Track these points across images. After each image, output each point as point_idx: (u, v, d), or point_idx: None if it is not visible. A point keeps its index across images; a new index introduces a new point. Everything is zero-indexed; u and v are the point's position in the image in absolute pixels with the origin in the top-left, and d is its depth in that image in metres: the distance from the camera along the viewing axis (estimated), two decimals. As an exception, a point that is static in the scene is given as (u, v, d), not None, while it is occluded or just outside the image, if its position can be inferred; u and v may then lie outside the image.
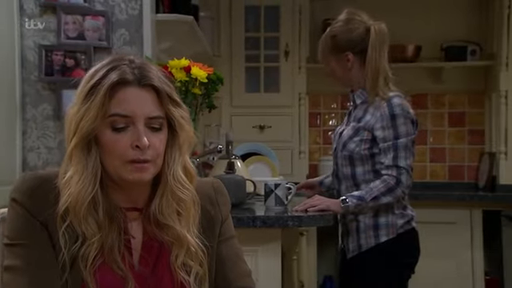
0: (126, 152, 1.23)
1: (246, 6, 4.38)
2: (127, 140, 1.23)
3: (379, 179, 2.30)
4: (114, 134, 1.23)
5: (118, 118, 1.23)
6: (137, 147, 1.22)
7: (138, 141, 1.22)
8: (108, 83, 1.22)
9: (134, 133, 1.23)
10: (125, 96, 1.23)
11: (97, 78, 1.25)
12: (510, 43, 4.21)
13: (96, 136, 1.24)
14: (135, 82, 1.24)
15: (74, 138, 1.25)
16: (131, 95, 1.23)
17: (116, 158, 1.23)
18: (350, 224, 2.41)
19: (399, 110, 2.31)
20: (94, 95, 1.23)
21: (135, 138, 1.22)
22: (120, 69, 1.25)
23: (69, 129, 1.27)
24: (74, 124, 1.25)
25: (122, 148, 1.23)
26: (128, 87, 1.23)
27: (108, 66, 1.27)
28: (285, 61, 4.32)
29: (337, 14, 4.55)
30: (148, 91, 1.24)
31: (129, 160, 1.23)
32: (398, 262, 2.37)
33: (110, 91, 1.22)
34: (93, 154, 1.24)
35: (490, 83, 4.44)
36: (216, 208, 1.38)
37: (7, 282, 1.24)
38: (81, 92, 1.26)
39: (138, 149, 1.22)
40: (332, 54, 2.45)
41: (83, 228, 1.23)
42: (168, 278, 1.28)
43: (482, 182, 4.30)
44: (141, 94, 1.24)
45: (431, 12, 4.47)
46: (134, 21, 2.68)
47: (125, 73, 1.24)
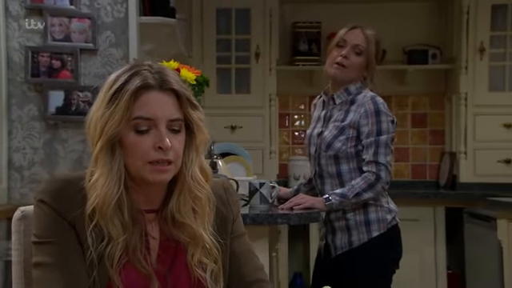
0: (149, 153, 1.28)
1: (218, 8, 4.46)
2: (150, 142, 1.28)
3: (360, 176, 2.43)
4: (137, 136, 1.29)
5: (141, 120, 1.28)
6: (159, 148, 1.28)
7: (161, 142, 1.28)
8: (132, 88, 1.28)
9: (157, 135, 1.28)
10: (147, 100, 1.29)
11: (120, 83, 1.30)
12: (469, 47, 4.42)
13: (120, 138, 1.30)
14: (157, 86, 1.29)
15: (100, 141, 1.30)
16: (153, 99, 1.29)
17: (139, 159, 1.29)
18: (338, 222, 2.52)
19: (383, 108, 2.45)
20: (118, 99, 1.28)
21: (157, 139, 1.28)
22: (141, 74, 1.31)
23: (94, 132, 1.32)
24: (99, 127, 1.30)
25: (145, 149, 1.28)
26: (150, 91, 1.29)
27: (129, 71, 1.33)
28: (255, 62, 4.42)
29: (305, 18, 4.72)
30: (169, 95, 1.30)
31: (151, 161, 1.28)
32: (387, 257, 2.50)
33: (134, 95, 1.28)
34: (117, 156, 1.30)
35: (450, 85, 4.64)
36: (227, 207, 1.44)
37: (38, 277, 1.30)
38: (104, 96, 1.31)
39: (161, 150, 1.28)
40: (376, 56, 2.54)
41: (109, 228, 1.28)
42: (185, 276, 1.34)
43: (443, 181, 4.49)
44: (162, 98, 1.30)
45: (395, 17, 4.63)
46: (120, 23, 2.74)
47: (147, 78, 1.29)
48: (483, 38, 4.42)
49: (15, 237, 1.46)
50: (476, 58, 4.42)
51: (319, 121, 2.62)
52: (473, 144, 4.41)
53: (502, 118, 4.41)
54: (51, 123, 2.71)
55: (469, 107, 4.43)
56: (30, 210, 1.48)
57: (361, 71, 2.55)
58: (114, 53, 2.73)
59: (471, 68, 4.42)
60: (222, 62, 4.46)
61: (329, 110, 2.59)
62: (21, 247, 1.45)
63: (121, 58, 2.73)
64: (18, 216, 1.46)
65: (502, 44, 4.46)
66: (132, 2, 2.74)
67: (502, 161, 4.38)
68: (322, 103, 2.67)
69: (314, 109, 2.73)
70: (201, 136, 1.36)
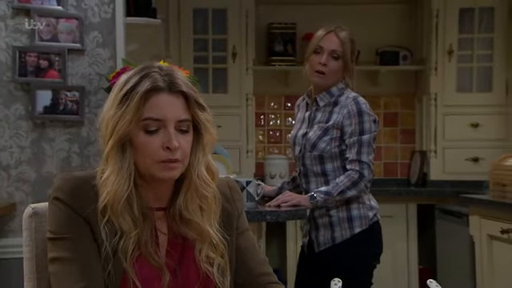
0: (158, 153, 1.34)
1: (195, 8, 4.51)
2: (159, 141, 1.34)
3: (344, 174, 2.53)
4: (147, 136, 1.35)
5: (151, 121, 1.34)
6: (167, 148, 1.34)
7: (169, 143, 1.34)
8: (142, 90, 1.33)
9: (165, 135, 1.34)
10: (157, 102, 1.34)
11: (131, 85, 1.35)
12: (438, 49, 4.57)
13: (130, 138, 1.35)
14: (166, 88, 1.35)
15: (111, 140, 1.35)
16: (163, 101, 1.35)
17: (148, 157, 1.35)
18: (321, 219, 2.61)
19: (365, 108, 2.55)
20: (129, 100, 1.33)
21: (166, 139, 1.34)
22: (151, 76, 1.36)
23: (105, 131, 1.37)
24: (110, 127, 1.35)
25: (154, 149, 1.34)
26: (160, 93, 1.35)
27: (140, 73, 1.38)
28: (232, 62, 4.48)
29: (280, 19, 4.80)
30: (177, 97, 1.36)
31: (160, 160, 1.35)
32: (369, 253, 2.60)
33: (144, 97, 1.33)
34: (127, 155, 1.36)
35: (421, 86, 4.78)
36: (232, 204, 1.51)
37: (55, 272, 1.35)
38: (115, 97, 1.36)
39: (169, 150, 1.34)
40: (352, 55, 2.64)
41: (121, 223, 1.34)
42: (194, 271, 1.40)
43: (414, 179, 4.64)
44: (171, 100, 1.36)
45: (367, 19, 4.75)
46: (107, 24, 2.77)
47: (157, 80, 1.35)
48: (451, 40, 4.57)
49: (26, 233, 1.51)
50: (445, 60, 4.57)
51: (304, 122, 2.70)
52: (442, 143, 4.56)
53: (470, 117, 4.56)
54: (38, 122, 2.73)
55: (438, 107, 4.57)
56: (40, 207, 1.53)
57: (341, 73, 2.65)
58: (102, 53, 2.77)
59: (440, 69, 4.57)
60: (199, 62, 4.51)
61: (312, 111, 2.68)
62: (32, 243, 1.50)
63: (108, 58, 2.77)
64: (29, 213, 1.51)
65: (470, 46, 4.61)
66: (119, 3, 2.77)
67: (470, 159, 4.54)
68: (305, 105, 2.76)
69: (298, 110, 2.82)
70: (208, 136, 1.42)
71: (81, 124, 2.74)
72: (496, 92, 4.57)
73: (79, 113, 2.72)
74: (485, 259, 3.28)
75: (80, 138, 2.75)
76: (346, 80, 2.65)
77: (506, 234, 3.02)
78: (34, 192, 2.74)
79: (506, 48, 4.55)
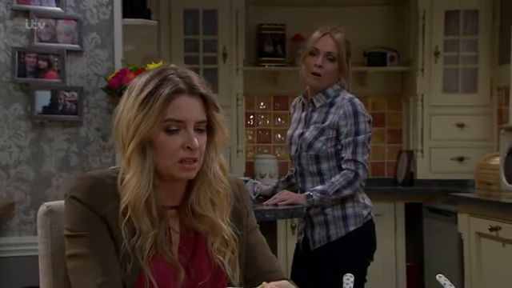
0: (178, 152, 1.39)
1: (185, 9, 4.55)
2: (179, 141, 1.39)
3: (340, 173, 2.59)
4: (168, 136, 1.39)
5: (172, 122, 1.38)
6: (188, 148, 1.39)
7: (190, 143, 1.39)
8: (166, 93, 1.37)
9: (185, 135, 1.39)
10: (179, 104, 1.39)
11: (151, 88, 1.39)
12: (425, 51, 4.66)
13: (150, 139, 1.39)
14: (187, 90, 1.39)
15: (133, 142, 1.39)
16: (184, 103, 1.39)
17: (168, 157, 1.39)
18: (316, 217, 2.67)
19: (360, 109, 2.62)
20: (151, 103, 1.37)
21: (186, 139, 1.39)
22: (171, 79, 1.40)
23: (126, 133, 1.40)
24: (131, 129, 1.39)
25: (175, 149, 1.39)
26: (181, 96, 1.39)
27: (158, 76, 1.41)
28: (223, 63, 4.53)
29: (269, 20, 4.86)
30: (197, 99, 1.41)
31: (180, 159, 1.39)
32: (363, 250, 2.67)
33: (167, 99, 1.38)
34: (148, 156, 1.40)
35: (408, 87, 4.87)
36: (242, 203, 1.56)
37: (74, 268, 1.38)
38: (135, 100, 1.40)
39: (189, 149, 1.39)
40: (347, 56, 2.68)
41: (140, 224, 1.38)
42: (206, 263, 1.45)
43: (401, 178, 4.72)
44: (191, 102, 1.40)
45: (355, 21, 4.81)
46: (105, 25, 2.81)
47: (178, 83, 1.39)
48: (438, 41, 4.66)
49: (41, 231, 1.55)
50: (431, 61, 4.66)
51: (300, 122, 2.76)
52: (429, 142, 4.65)
53: (456, 118, 4.65)
54: (37, 122, 2.76)
55: (425, 107, 4.66)
56: (55, 205, 1.57)
57: (336, 75, 2.71)
58: (100, 54, 2.80)
59: (427, 70, 4.66)
60: (190, 63, 4.53)
61: (309, 112, 2.74)
62: (47, 240, 1.54)
63: (106, 58, 2.80)
64: (44, 211, 1.55)
65: (455, 48, 4.71)
66: (117, 5, 2.81)
67: (456, 158, 4.63)
68: (301, 105, 2.82)
69: (294, 111, 2.87)
70: (221, 135, 1.47)
71: (79, 124, 2.78)
72: (481, 93, 4.67)
73: (78, 113, 2.76)
74: (473, 256, 3.37)
75: (79, 138, 2.78)
76: (342, 81, 2.71)
77: (495, 232, 3.10)
78: (33, 191, 2.76)
79: (490, 49, 4.65)
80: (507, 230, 3.03)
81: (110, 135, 2.79)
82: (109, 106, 2.79)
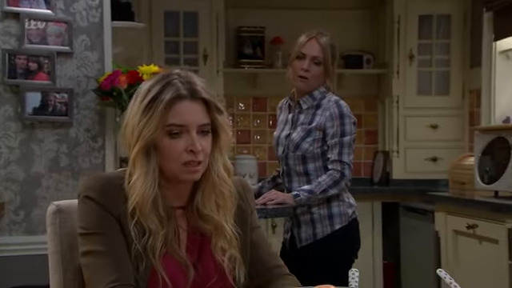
0: (182, 155, 1.44)
1: (166, 11, 4.60)
2: (182, 145, 1.44)
3: (326, 174, 2.68)
4: (171, 140, 1.44)
5: (175, 127, 1.44)
6: (191, 151, 1.45)
7: (193, 146, 1.44)
8: (167, 98, 1.43)
9: (188, 139, 1.44)
10: (181, 109, 1.44)
11: (154, 93, 1.45)
12: (400, 54, 4.78)
13: (155, 143, 1.45)
14: (188, 96, 1.45)
15: (137, 146, 1.45)
16: (186, 107, 1.45)
17: (172, 160, 1.45)
18: (303, 216, 2.75)
19: (346, 111, 2.71)
20: (154, 108, 1.43)
21: (189, 143, 1.44)
22: (173, 84, 1.45)
23: (131, 137, 1.46)
24: (136, 133, 1.45)
25: (178, 152, 1.44)
26: (183, 101, 1.44)
27: (161, 81, 1.47)
28: (203, 64, 4.59)
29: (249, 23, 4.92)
30: (199, 103, 1.46)
31: (184, 162, 1.45)
32: (348, 248, 2.76)
33: (169, 105, 1.43)
34: (152, 159, 1.45)
35: (383, 89, 4.99)
36: (246, 202, 1.62)
37: (88, 264, 1.44)
38: (139, 105, 1.46)
39: (192, 153, 1.45)
40: (332, 59, 2.77)
41: (149, 223, 1.44)
42: (212, 265, 1.51)
43: (377, 178, 4.84)
44: (193, 106, 1.45)
45: (332, 24, 4.84)
46: (95, 27, 2.85)
47: (179, 88, 1.44)
48: (412, 45, 4.79)
49: (51, 228, 1.60)
50: (406, 64, 4.78)
51: (287, 124, 2.84)
52: (404, 143, 4.78)
53: (429, 119, 4.79)
54: (27, 123, 2.79)
55: (400, 109, 4.78)
56: (64, 203, 1.62)
57: (322, 78, 2.79)
58: (90, 56, 2.84)
59: (402, 73, 4.78)
60: (171, 64, 4.58)
61: (295, 113, 2.82)
62: (57, 237, 1.59)
63: (96, 60, 2.84)
64: (53, 210, 1.60)
65: (429, 51, 4.84)
66: (107, 8, 2.85)
67: (430, 159, 4.77)
68: (287, 107, 2.90)
69: (280, 112, 2.95)
70: (225, 137, 1.53)
71: (69, 125, 2.81)
72: (453, 95, 4.81)
73: (68, 114, 2.79)
74: (450, 253, 3.49)
75: (68, 139, 2.81)
76: (327, 83, 2.80)
77: (472, 230, 3.22)
78: (23, 192, 2.79)
79: (462, 53, 4.80)
80: (484, 228, 3.16)
81: (99, 136, 2.83)
82: (98, 107, 2.83)
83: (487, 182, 3.46)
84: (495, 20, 4.36)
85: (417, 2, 4.77)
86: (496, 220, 3.04)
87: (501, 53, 4.38)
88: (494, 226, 3.06)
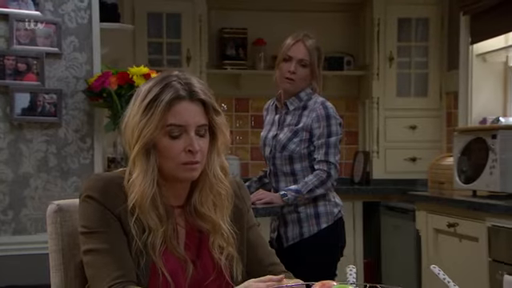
0: (180, 155, 1.49)
1: (149, 12, 4.62)
2: (181, 145, 1.49)
3: (312, 174, 2.73)
4: (170, 141, 1.49)
5: (174, 127, 1.48)
6: (189, 151, 1.49)
7: (191, 146, 1.49)
8: (166, 99, 1.47)
9: (187, 139, 1.49)
10: (180, 109, 1.48)
11: (153, 94, 1.49)
12: (380, 56, 4.87)
13: (154, 143, 1.50)
14: (187, 96, 1.49)
15: (137, 145, 1.49)
16: (184, 108, 1.49)
17: (171, 160, 1.49)
18: (290, 215, 2.80)
19: (332, 112, 2.77)
20: (154, 108, 1.47)
21: (188, 143, 1.49)
22: (173, 86, 1.50)
23: (131, 137, 1.50)
24: (136, 134, 1.49)
25: (177, 152, 1.49)
26: (182, 102, 1.49)
27: (161, 83, 1.51)
28: (187, 66, 4.62)
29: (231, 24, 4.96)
30: (197, 104, 1.51)
31: (182, 162, 1.49)
32: (334, 246, 2.82)
33: (168, 105, 1.47)
34: (152, 158, 1.50)
35: (364, 90, 5.07)
36: (242, 201, 1.66)
37: (91, 262, 1.47)
38: (139, 106, 1.50)
39: (190, 153, 1.49)
40: (318, 61, 2.84)
41: (148, 221, 1.48)
42: (210, 262, 1.55)
43: (358, 178, 4.92)
44: (192, 107, 1.50)
45: (314, 26, 4.92)
46: (83, 29, 2.87)
47: (178, 90, 1.49)
48: (391, 47, 4.88)
49: (51, 228, 1.63)
50: (386, 66, 4.87)
51: (273, 124, 2.89)
52: (384, 144, 4.87)
53: (408, 120, 4.88)
54: (16, 124, 2.80)
55: (380, 110, 4.87)
56: (64, 203, 1.65)
57: (308, 79, 2.85)
58: (78, 57, 2.86)
59: (382, 75, 4.87)
60: (154, 65, 4.59)
61: (282, 114, 2.87)
62: (58, 236, 1.62)
63: (84, 62, 2.86)
64: (54, 209, 1.63)
65: (408, 54, 4.94)
66: (95, 9, 2.88)
67: (409, 159, 4.86)
68: (274, 108, 2.95)
69: (267, 113, 3.00)
70: (222, 138, 1.57)
71: (58, 125, 2.83)
72: (431, 97, 4.91)
73: (57, 114, 2.80)
74: (431, 251, 3.57)
75: (57, 139, 2.83)
76: (313, 85, 2.86)
77: (452, 228, 3.31)
78: (11, 192, 2.80)
79: (440, 56, 4.90)
80: (464, 226, 3.25)
81: (88, 136, 2.85)
82: (87, 108, 2.85)
83: (464, 182, 3.55)
84: (472, 24, 4.45)
85: (396, 6, 4.86)
86: (476, 218, 3.12)
87: (477, 56, 4.48)
88: (474, 224, 3.15)
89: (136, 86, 2.66)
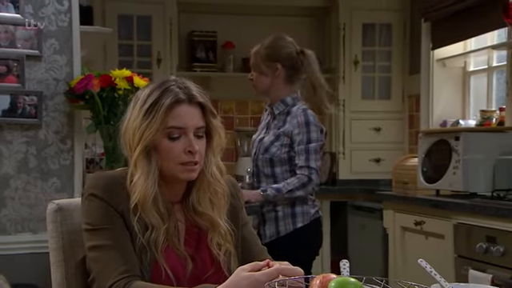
0: (180, 156, 1.57)
1: (119, 14, 4.66)
2: (181, 146, 1.57)
3: (295, 176, 2.83)
4: (170, 142, 1.57)
5: (174, 129, 1.57)
6: (189, 152, 1.58)
7: (191, 147, 1.57)
8: (167, 103, 1.55)
9: (186, 141, 1.57)
10: (179, 112, 1.57)
11: (154, 98, 1.57)
12: (346, 60, 5.01)
13: (155, 145, 1.57)
14: (186, 100, 1.58)
15: (138, 148, 1.56)
16: (184, 111, 1.57)
17: (171, 161, 1.58)
18: (268, 214, 2.90)
19: (312, 119, 2.86)
20: (155, 112, 1.55)
21: (187, 144, 1.57)
22: (172, 90, 1.58)
23: (132, 140, 1.58)
24: (137, 136, 1.56)
25: (177, 153, 1.57)
26: (182, 105, 1.57)
27: (160, 88, 1.59)
28: (157, 68, 4.67)
29: (200, 27, 5.03)
30: (196, 107, 1.59)
31: (182, 163, 1.58)
32: (309, 245, 2.92)
33: (169, 109, 1.56)
34: (153, 160, 1.57)
35: (330, 93, 5.20)
36: (236, 199, 1.74)
37: (96, 258, 1.53)
38: (140, 109, 1.57)
39: (190, 153, 1.57)
40: (263, 62, 2.89)
41: (150, 219, 1.56)
42: (208, 257, 1.63)
43: (324, 178, 5.04)
44: (191, 110, 1.58)
45: (282, 30, 4.96)
46: (64, 32, 2.90)
47: (178, 93, 1.57)
48: (357, 51, 5.03)
49: (52, 226, 1.69)
50: (351, 70, 5.02)
51: (263, 128, 3.00)
52: (349, 145, 5.01)
53: (372, 122, 5.04)
54: (-5, 125, 2.81)
55: (346, 113, 5.01)
56: (64, 202, 1.72)
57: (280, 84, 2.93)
58: (59, 59, 2.89)
59: (348, 78, 5.01)
60: (125, 67, 4.61)
61: (270, 118, 2.98)
62: (58, 235, 1.68)
63: (65, 64, 2.89)
64: (54, 208, 1.69)
65: (372, 58, 5.10)
66: (75, 13, 2.91)
67: (373, 160, 5.02)
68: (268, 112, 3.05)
69: (263, 117, 3.08)
70: (218, 139, 1.66)
71: (38, 127, 2.85)
72: (394, 100, 5.09)
73: (37, 116, 2.83)
74: (398, 249, 3.72)
75: (38, 141, 2.86)
76: (294, 87, 2.94)
77: (419, 226, 3.46)
78: (-8, 193, 2.81)
79: (402, 60, 5.07)
80: (430, 224, 3.40)
81: (68, 138, 2.89)
82: (68, 109, 2.89)
83: (428, 182, 3.70)
84: (433, 30, 4.64)
85: (360, 12, 5.01)
86: (442, 216, 3.27)
87: (438, 61, 4.67)
88: (440, 222, 3.30)
89: (118, 88, 2.71)
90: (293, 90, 2.94)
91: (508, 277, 2.73)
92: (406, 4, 5.01)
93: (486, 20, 4.00)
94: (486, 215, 2.92)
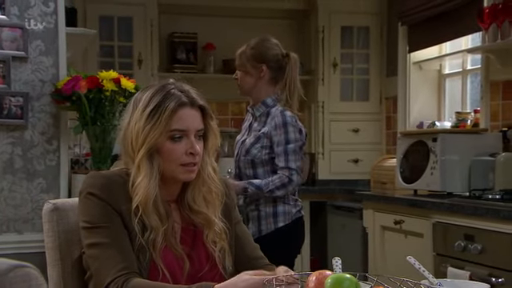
0: (181, 158, 1.62)
1: (100, 15, 4.67)
2: (182, 148, 1.62)
3: (276, 175, 2.88)
4: (172, 144, 1.62)
5: (177, 132, 1.62)
6: (190, 153, 1.63)
7: (192, 149, 1.62)
8: (172, 106, 1.60)
9: (188, 143, 1.62)
10: (182, 115, 1.62)
11: (156, 102, 1.61)
12: (325, 62, 5.09)
13: (157, 147, 1.61)
14: (189, 103, 1.63)
15: (142, 150, 1.61)
16: (186, 114, 1.62)
17: (172, 162, 1.62)
18: (251, 213, 2.95)
19: (290, 120, 2.91)
20: (158, 115, 1.60)
21: (189, 146, 1.62)
22: (174, 94, 1.63)
23: (135, 142, 1.62)
24: (140, 139, 1.60)
25: (179, 154, 1.62)
26: (184, 108, 1.62)
27: (162, 91, 1.64)
28: (138, 69, 4.69)
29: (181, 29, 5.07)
30: (196, 110, 1.65)
31: (182, 164, 1.63)
32: (291, 244, 2.97)
33: (173, 111, 1.60)
34: (155, 161, 1.62)
35: (310, 95, 5.24)
36: (230, 198, 1.79)
37: (95, 255, 1.57)
38: (143, 112, 1.61)
39: (191, 155, 1.63)
40: (249, 62, 2.93)
41: (150, 220, 1.60)
42: (204, 253, 1.68)
43: (304, 178, 5.11)
44: (192, 113, 1.64)
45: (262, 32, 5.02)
46: (49, 33, 2.92)
47: (181, 97, 1.62)
48: (335, 54, 5.11)
49: (48, 225, 1.72)
50: (330, 72, 5.10)
51: (246, 129, 3.04)
52: (328, 146, 5.09)
53: (351, 123, 5.13)
54: (-19, 126, 2.82)
55: (325, 114, 5.09)
56: (60, 202, 1.75)
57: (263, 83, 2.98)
58: (44, 61, 2.90)
59: (327, 80, 5.09)
60: (106, 68, 4.62)
61: (252, 120, 3.02)
62: (54, 234, 1.71)
63: (51, 65, 2.91)
64: (50, 208, 1.72)
65: (350, 60, 5.19)
66: (61, 14, 2.93)
67: (351, 160, 5.11)
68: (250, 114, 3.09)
69: (245, 119, 3.13)
70: (214, 141, 1.72)
71: (24, 128, 2.87)
72: (372, 101, 5.18)
73: (23, 117, 2.85)
74: (377, 247, 3.80)
75: (23, 141, 2.87)
76: (276, 89, 2.99)
77: (399, 225, 3.53)
78: (-23, 193, 2.82)
79: (380, 63, 5.17)
80: (409, 223, 3.48)
81: (54, 139, 2.90)
82: (53, 110, 2.90)
83: (406, 182, 3.79)
84: (409, 33, 4.75)
85: (339, 15, 5.10)
86: (421, 216, 3.35)
87: (414, 63, 4.78)
88: (419, 221, 3.38)
89: (105, 89, 2.73)
90: (275, 92, 2.99)
91: (485, 274, 2.81)
92: (384, 8, 5.10)
93: (461, 24, 4.11)
94: (464, 214, 3.01)
